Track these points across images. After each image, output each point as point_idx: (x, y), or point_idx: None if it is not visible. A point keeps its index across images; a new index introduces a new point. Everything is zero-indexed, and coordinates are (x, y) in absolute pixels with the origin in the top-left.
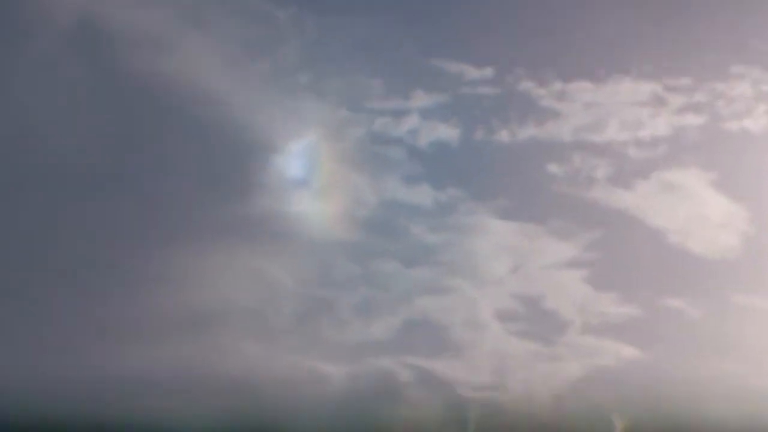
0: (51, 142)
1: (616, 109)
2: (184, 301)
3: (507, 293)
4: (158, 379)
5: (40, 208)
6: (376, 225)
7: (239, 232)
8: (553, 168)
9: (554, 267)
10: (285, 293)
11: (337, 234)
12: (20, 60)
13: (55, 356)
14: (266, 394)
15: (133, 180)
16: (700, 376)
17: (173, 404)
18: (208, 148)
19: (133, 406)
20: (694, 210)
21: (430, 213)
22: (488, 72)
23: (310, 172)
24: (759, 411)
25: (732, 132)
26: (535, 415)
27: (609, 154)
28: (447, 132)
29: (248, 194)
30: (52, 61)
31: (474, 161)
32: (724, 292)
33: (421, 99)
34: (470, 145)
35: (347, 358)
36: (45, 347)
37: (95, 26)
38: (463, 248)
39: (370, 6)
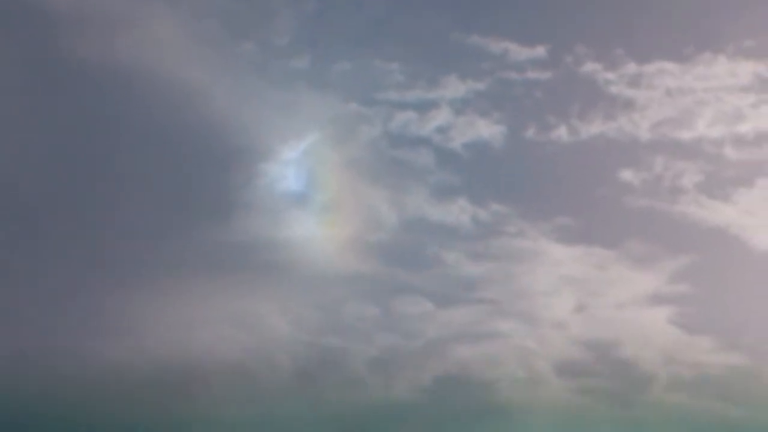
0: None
1: (707, 97)
2: (148, 356)
3: (571, 339)
4: None
5: None
6: (398, 252)
7: (219, 265)
8: (627, 175)
9: (632, 304)
10: (281, 343)
11: (347, 265)
12: None
13: None
14: None
15: (78, 199)
16: None
17: None
18: (177, 155)
19: None
20: None
21: (468, 236)
22: (540, 51)
23: (310, 185)
24: None
25: None
26: None
27: (700, 155)
28: (488, 129)
29: (231, 215)
30: None
31: (524, 168)
32: None
33: (453, 87)
34: (518, 147)
35: (365, 428)
36: None
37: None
38: (512, 281)
39: None
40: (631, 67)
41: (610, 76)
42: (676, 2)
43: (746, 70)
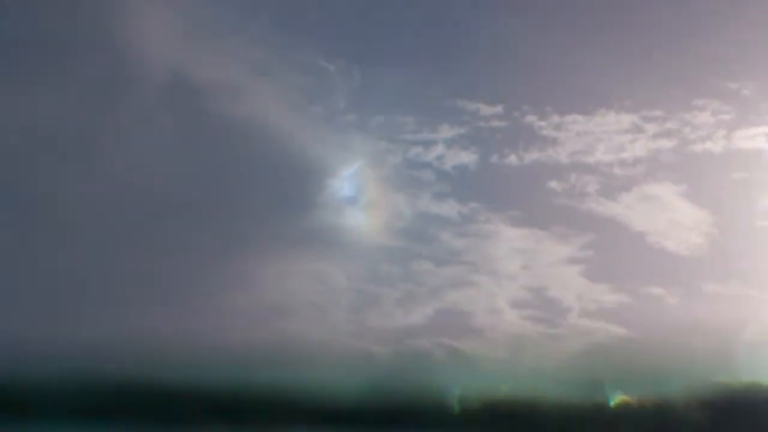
0: (152, 175)
1: (602, 136)
2: (260, 297)
3: (518, 286)
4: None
5: (145, 228)
6: (412, 233)
7: (303, 241)
8: (553, 185)
9: (556, 264)
10: (340, 289)
11: (380, 241)
12: (122, 109)
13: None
14: (326, 370)
15: (218, 203)
16: (674, 349)
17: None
18: (277, 175)
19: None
20: (668, 216)
21: (455, 223)
22: (499, 109)
23: (358, 192)
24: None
25: (697, 152)
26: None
27: (598, 172)
28: (467, 157)
29: (310, 211)
30: (150, 109)
31: (489, 180)
32: (694, 282)
33: (445, 132)
34: (486, 168)
35: (391, 341)
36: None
37: (185, 79)
38: (482, 251)
39: (404, 58)
40: (555, 118)
41: (542, 123)
42: (583, 76)
43: (626, 119)
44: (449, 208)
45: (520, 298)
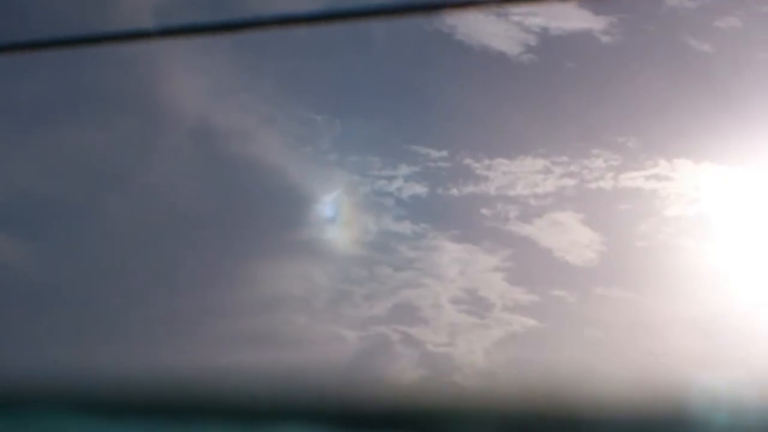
0: (179, 198)
1: (521, 175)
2: (261, 292)
3: (457, 287)
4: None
5: (171, 237)
6: (377, 245)
7: (294, 250)
8: (484, 211)
9: (485, 271)
10: (321, 287)
11: (352, 251)
12: (157, 148)
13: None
14: (306, 349)
15: (230, 221)
16: (570, 337)
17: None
18: (276, 200)
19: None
20: (569, 237)
21: (410, 238)
22: (444, 153)
23: (336, 214)
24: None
25: (592, 189)
26: (472, 362)
27: (517, 202)
28: (420, 189)
29: (299, 227)
30: (179, 149)
31: (436, 207)
32: (588, 287)
33: (403, 170)
34: (434, 197)
35: (359, 327)
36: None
37: (207, 126)
38: (429, 260)
39: (373, 113)
40: (486, 161)
41: (477, 165)
42: (506, 130)
43: (539, 163)
44: (405, 227)
45: (457, 296)
